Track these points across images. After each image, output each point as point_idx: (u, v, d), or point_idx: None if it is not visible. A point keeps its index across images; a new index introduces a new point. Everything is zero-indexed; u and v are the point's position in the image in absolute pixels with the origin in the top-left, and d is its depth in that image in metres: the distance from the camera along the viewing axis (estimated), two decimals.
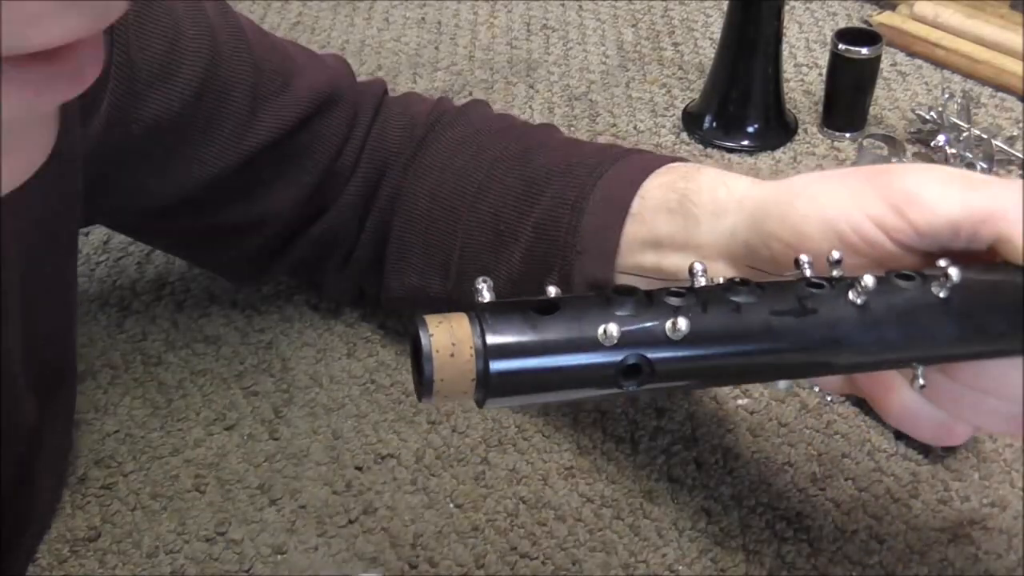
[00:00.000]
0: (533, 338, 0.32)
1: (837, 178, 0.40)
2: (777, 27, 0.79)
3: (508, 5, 1.02)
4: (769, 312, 0.34)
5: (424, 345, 0.31)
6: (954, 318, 0.36)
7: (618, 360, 0.32)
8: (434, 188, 0.56)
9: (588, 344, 0.32)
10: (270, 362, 0.62)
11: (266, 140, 0.54)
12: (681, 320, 0.32)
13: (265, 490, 0.54)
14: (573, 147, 0.55)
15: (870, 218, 0.38)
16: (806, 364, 0.36)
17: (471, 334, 0.31)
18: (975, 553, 0.50)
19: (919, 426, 0.40)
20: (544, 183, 0.52)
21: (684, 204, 0.46)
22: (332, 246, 0.60)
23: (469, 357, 0.31)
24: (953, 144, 0.77)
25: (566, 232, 0.49)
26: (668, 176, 0.48)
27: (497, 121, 0.59)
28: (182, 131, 0.51)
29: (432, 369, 0.31)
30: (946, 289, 0.35)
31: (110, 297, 0.67)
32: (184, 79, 0.50)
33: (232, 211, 0.56)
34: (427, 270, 0.57)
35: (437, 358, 0.31)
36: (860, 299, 0.35)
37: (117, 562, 0.51)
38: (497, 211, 0.53)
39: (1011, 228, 0.35)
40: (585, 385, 0.33)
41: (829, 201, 0.39)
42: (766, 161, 0.79)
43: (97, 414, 0.59)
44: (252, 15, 1.02)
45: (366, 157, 0.58)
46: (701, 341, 0.34)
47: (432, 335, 0.31)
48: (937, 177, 0.37)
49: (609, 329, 0.32)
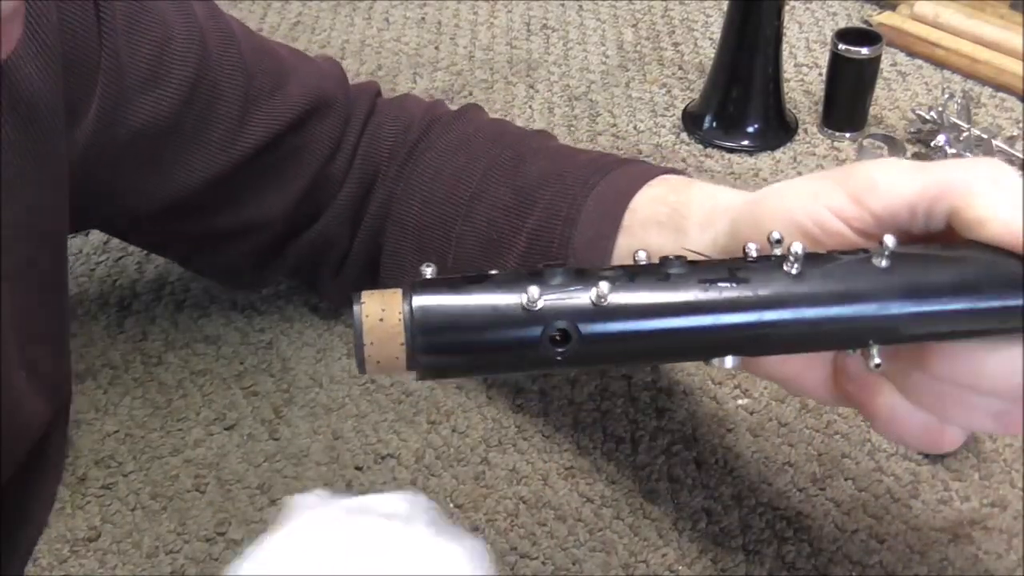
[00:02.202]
0: (459, 303, 0.33)
1: (804, 178, 0.40)
2: (777, 27, 0.79)
3: (508, 5, 1.02)
4: (698, 281, 0.34)
5: (355, 312, 0.33)
6: (895, 288, 0.35)
7: (543, 325, 0.33)
8: (427, 194, 0.56)
9: (512, 309, 0.33)
10: (270, 362, 0.62)
11: (256, 145, 0.54)
12: (604, 285, 0.33)
13: (265, 490, 0.54)
14: (566, 156, 0.55)
15: (830, 209, 0.38)
16: (741, 336, 0.35)
17: (400, 302, 0.33)
18: (975, 553, 0.50)
19: (907, 431, 0.39)
20: (537, 193, 0.52)
21: (674, 218, 0.46)
22: (326, 251, 0.60)
23: (397, 322, 0.32)
24: (953, 144, 0.77)
25: (558, 245, 0.49)
26: (659, 189, 0.48)
27: (491, 127, 0.58)
28: (172, 136, 0.51)
29: (362, 333, 0.32)
30: (885, 258, 0.35)
31: (110, 297, 0.67)
32: (174, 84, 0.50)
33: (223, 216, 0.56)
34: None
35: (367, 323, 0.32)
36: (795, 268, 0.34)
37: (117, 562, 0.51)
38: (490, 220, 0.53)
39: (961, 199, 0.35)
40: (513, 352, 0.33)
41: (792, 197, 0.39)
42: (766, 161, 0.79)
43: (97, 414, 0.59)
44: (252, 15, 1.02)
45: (359, 162, 0.58)
46: (629, 310, 0.33)
47: (364, 303, 0.33)
48: (892, 164, 0.38)
49: (531, 293, 0.32)
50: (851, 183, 0.38)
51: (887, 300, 0.35)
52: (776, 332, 0.35)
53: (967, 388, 0.37)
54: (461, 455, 0.56)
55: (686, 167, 0.79)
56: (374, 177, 0.58)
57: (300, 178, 0.57)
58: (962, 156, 0.76)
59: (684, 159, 0.80)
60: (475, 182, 0.54)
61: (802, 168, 0.79)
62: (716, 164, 0.79)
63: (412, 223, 0.56)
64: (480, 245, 0.53)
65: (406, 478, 0.55)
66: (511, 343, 0.33)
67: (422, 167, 0.57)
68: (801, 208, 0.38)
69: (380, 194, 0.58)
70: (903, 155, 0.78)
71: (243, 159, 0.54)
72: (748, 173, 0.78)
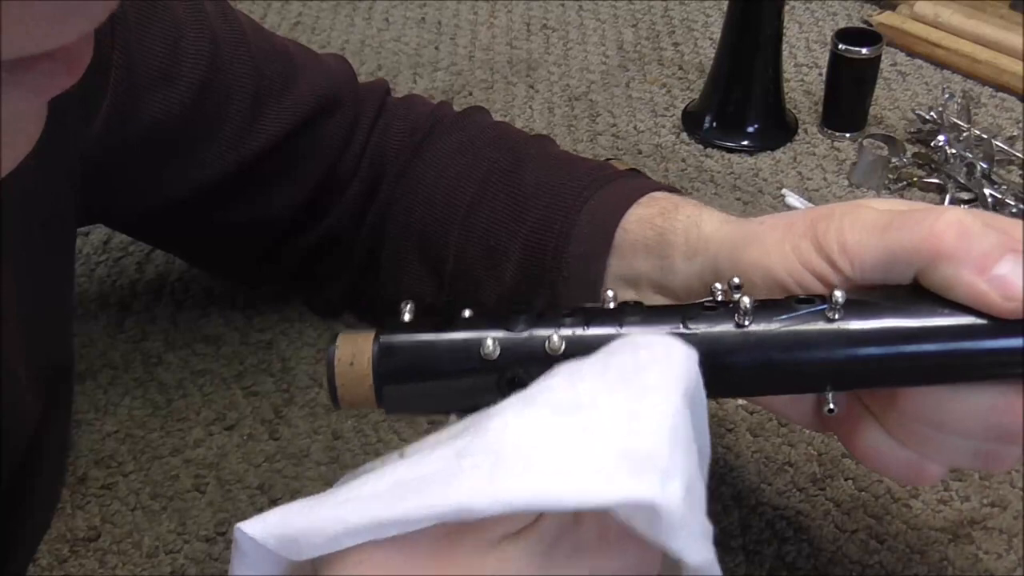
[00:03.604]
0: (422, 354, 0.36)
1: (783, 227, 0.40)
2: (777, 27, 0.79)
3: (508, 5, 1.02)
4: (650, 331, 0.36)
5: (329, 355, 0.36)
6: (843, 338, 0.36)
7: (498, 374, 0.35)
8: (428, 198, 0.56)
9: (471, 357, 0.35)
10: (270, 362, 0.62)
11: (266, 144, 0.54)
12: (556, 338, 0.35)
13: (265, 490, 0.54)
14: (563, 165, 0.54)
15: (808, 270, 0.39)
16: None
17: (371, 346, 0.36)
18: (975, 553, 0.50)
19: (887, 466, 0.39)
20: (532, 202, 0.52)
21: (660, 244, 0.46)
22: (332, 249, 0.60)
23: (366, 365, 0.36)
24: (953, 144, 0.77)
25: (552, 257, 0.49)
26: (648, 210, 0.48)
27: (493, 130, 0.58)
28: (182, 133, 0.51)
29: (334, 376, 0.36)
30: (837, 311, 0.36)
31: (110, 297, 0.67)
32: (185, 82, 0.50)
33: (231, 213, 0.56)
34: (422, 278, 0.56)
35: (339, 366, 0.36)
36: (746, 320, 0.36)
37: (117, 562, 0.51)
38: (488, 227, 0.53)
39: (927, 263, 0.36)
40: (473, 397, 0.36)
41: (772, 251, 0.40)
42: (766, 161, 0.79)
43: (97, 414, 0.59)
44: (252, 15, 1.01)
45: (366, 161, 0.58)
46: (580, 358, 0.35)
47: (338, 347, 0.36)
48: (859, 223, 0.38)
49: (487, 344, 0.35)
50: (824, 244, 0.38)
51: (836, 349, 0.36)
52: (723, 381, 0.36)
53: (950, 432, 0.38)
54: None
55: (686, 167, 0.79)
56: (381, 177, 0.58)
57: (308, 177, 0.57)
58: (962, 156, 0.76)
59: (684, 159, 0.80)
60: (474, 187, 0.54)
61: (802, 168, 0.79)
62: (716, 164, 0.79)
63: (414, 225, 0.56)
64: (478, 251, 0.53)
65: None
66: (470, 389, 0.36)
67: (424, 169, 0.57)
68: (782, 268, 0.39)
69: (384, 194, 0.58)
70: (903, 155, 0.78)
71: (252, 157, 0.54)
72: (748, 173, 0.78)
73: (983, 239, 0.35)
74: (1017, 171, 0.76)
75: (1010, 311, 0.34)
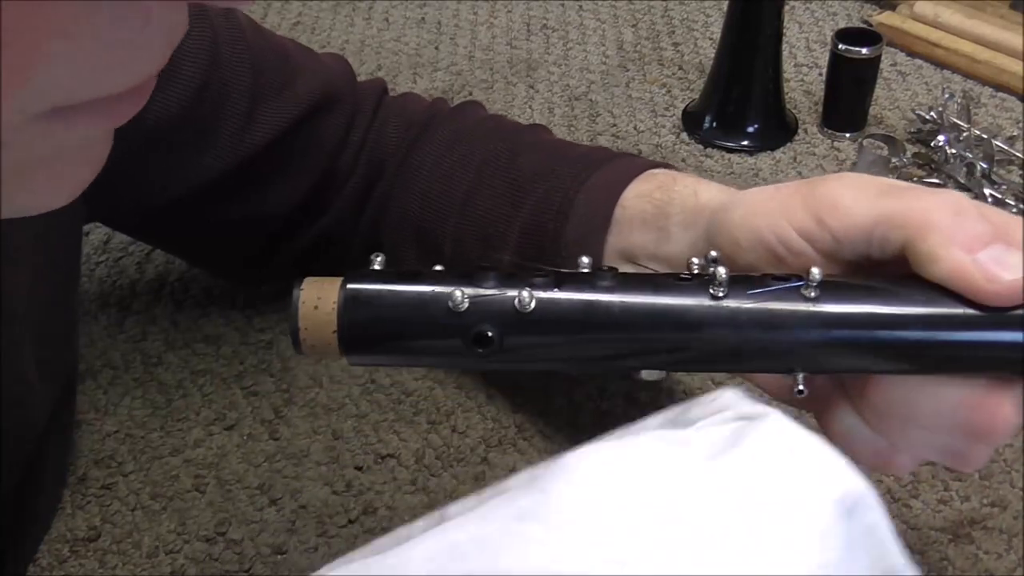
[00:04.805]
0: (389, 300, 0.35)
1: (772, 190, 0.40)
2: (777, 27, 0.79)
3: (508, 5, 1.02)
4: (622, 296, 0.35)
5: (294, 297, 0.35)
6: (817, 319, 0.35)
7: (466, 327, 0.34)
8: (424, 191, 0.56)
9: (439, 309, 0.34)
10: (270, 362, 0.62)
11: (263, 142, 0.54)
12: (526, 294, 0.34)
13: (265, 490, 0.54)
14: (559, 150, 0.55)
15: (794, 227, 0.38)
16: (658, 351, 0.35)
17: (336, 290, 0.35)
18: (975, 553, 0.50)
19: (857, 452, 0.39)
20: (529, 186, 0.52)
21: (658, 217, 0.46)
22: (329, 247, 0.60)
23: (331, 309, 0.34)
24: (953, 144, 0.77)
25: (551, 239, 0.49)
26: (646, 185, 0.48)
27: (487, 121, 0.59)
28: (180, 132, 0.51)
29: (296, 320, 0.35)
30: (813, 289, 0.35)
31: (110, 297, 0.67)
32: (183, 81, 0.50)
33: (228, 211, 0.56)
34: None
35: (303, 309, 0.35)
36: (720, 291, 0.35)
37: (117, 562, 0.51)
38: (485, 215, 0.53)
39: (916, 231, 0.35)
40: (438, 349, 0.35)
41: (760, 212, 0.39)
42: (766, 161, 0.79)
43: (97, 414, 0.59)
44: (252, 15, 1.01)
45: (364, 159, 0.58)
46: (551, 319, 0.34)
47: (303, 289, 0.35)
48: (855, 184, 0.37)
49: (456, 296, 0.34)
50: (814, 202, 0.37)
51: (808, 329, 0.35)
52: (693, 352, 0.35)
53: (918, 424, 0.37)
54: (461, 455, 0.56)
55: (686, 167, 0.79)
56: (378, 174, 0.58)
57: (306, 175, 0.57)
58: (962, 156, 0.76)
59: (684, 159, 0.80)
60: (470, 177, 0.54)
61: (802, 168, 0.78)
62: (716, 164, 0.79)
63: (410, 219, 0.56)
64: (476, 239, 0.53)
65: (406, 478, 0.55)
66: (436, 341, 0.35)
67: (419, 163, 0.57)
68: (767, 226, 0.38)
69: (380, 190, 0.58)
70: (903, 155, 0.78)
71: (249, 156, 0.54)
72: (748, 173, 0.78)
73: (976, 223, 0.35)
74: (1017, 171, 0.76)
75: (990, 294, 0.34)
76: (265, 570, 0.51)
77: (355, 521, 0.53)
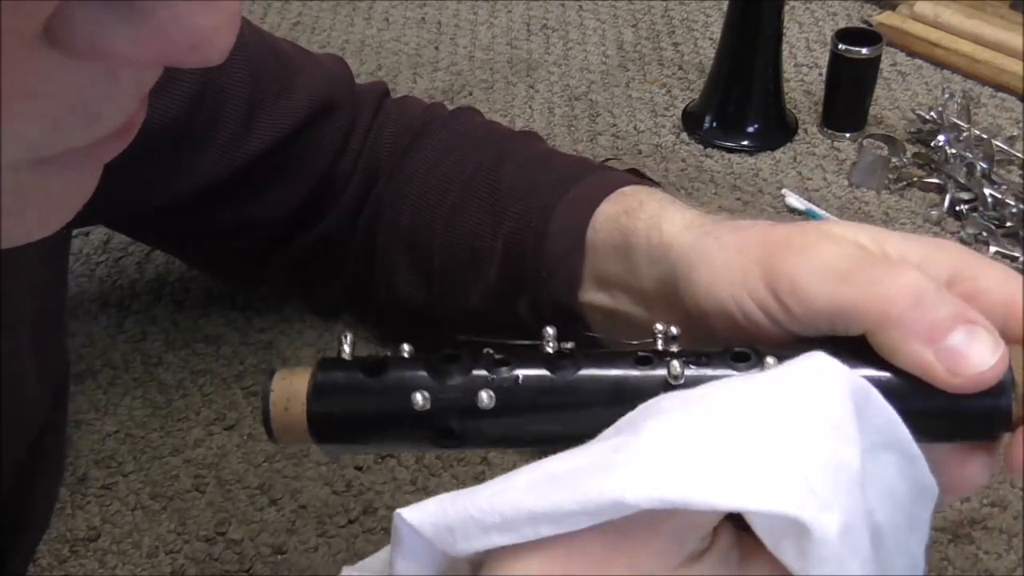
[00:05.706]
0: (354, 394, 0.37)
1: (735, 250, 0.39)
2: (777, 27, 0.79)
3: (508, 5, 1.02)
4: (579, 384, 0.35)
5: (263, 396, 0.37)
6: None
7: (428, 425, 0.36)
8: (415, 200, 0.55)
9: (402, 410, 0.36)
10: (270, 362, 0.62)
11: (262, 148, 0.54)
12: (484, 395, 0.35)
13: (265, 490, 0.54)
14: (543, 162, 0.54)
15: (755, 304, 0.37)
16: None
17: (305, 392, 0.36)
18: (975, 553, 0.50)
19: None
20: (511, 200, 0.51)
21: (625, 247, 0.45)
22: (328, 252, 0.60)
23: (300, 411, 0.36)
24: (953, 144, 0.77)
25: (531, 256, 0.49)
26: (614, 208, 0.46)
27: (479, 129, 0.58)
28: (178, 138, 0.51)
29: (270, 420, 0.37)
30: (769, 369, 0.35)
31: (110, 297, 0.67)
32: (182, 88, 0.50)
33: (227, 215, 0.56)
34: (412, 281, 0.56)
35: (274, 411, 0.37)
36: (677, 381, 0.35)
37: (117, 562, 0.51)
38: (472, 227, 0.52)
39: (874, 327, 0.34)
40: (406, 439, 0.37)
41: (719, 277, 0.39)
42: (766, 161, 0.79)
43: (97, 414, 0.59)
44: (252, 15, 1.02)
45: (362, 164, 0.58)
46: (512, 412, 0.35)
47: (273, 391, 0.37)
48: (817, 263, 0.36)
49: (417, 399, 0.35)
50: (774, 281, 0.37)
51: None
52: None
53: None
54: (461, 455, 0.56)
55: (686, 167, 0.79)
56: (374, 181, 0.58)
57: (305, 180, 0.57)
58: (962, 156, 0.76)
59: (684, 159, 0.80)
60: (459, 188, 0.54)
61: (802, 168, 0.78)
62: (716, 164, 0.79)
63: (402, 227, 0.56)
64: (463, 252, 0.53)
65: (406, 478, 0.55)
66: (402, 435, 0.37)
67: (412, 171, 0.56)
68: (730, 297, 0.38)
69: (375, 196, 0.58)
70: (903, 155, 0.78)
71: (248, 162, 0.54)
72: (748, 173, 0.78)
73: (938, 308, 0.33)
74: (1017, 171, 0.76)
75: (955, 387, 0.33)
76: (265, 570, 0.51)
77: (355, 521, 0.53)
